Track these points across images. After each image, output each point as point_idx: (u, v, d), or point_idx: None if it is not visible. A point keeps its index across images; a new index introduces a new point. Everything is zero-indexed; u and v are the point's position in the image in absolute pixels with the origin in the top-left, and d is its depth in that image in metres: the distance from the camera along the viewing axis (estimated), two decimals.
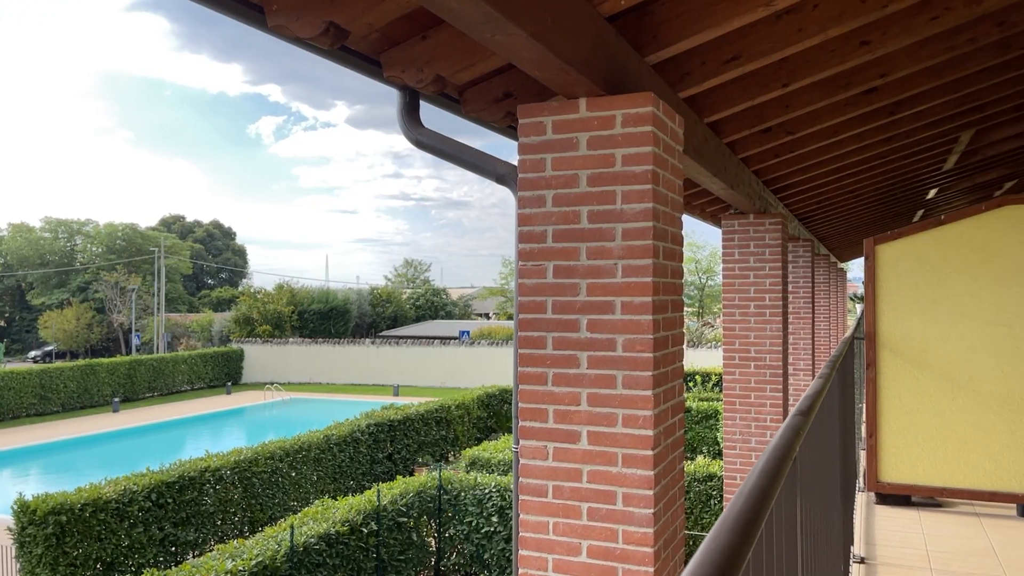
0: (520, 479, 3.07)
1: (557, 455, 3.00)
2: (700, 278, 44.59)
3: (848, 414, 4.42)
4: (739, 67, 3.83)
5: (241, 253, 71.80)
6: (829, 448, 2.39)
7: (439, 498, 10.20)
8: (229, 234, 71.73)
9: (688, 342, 28.77)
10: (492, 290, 57.70)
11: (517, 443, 3.09)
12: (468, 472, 11.30)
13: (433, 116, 3.65)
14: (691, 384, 22.17)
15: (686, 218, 9.32)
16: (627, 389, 2.91)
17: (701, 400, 17.55)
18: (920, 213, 15.31)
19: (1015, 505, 4.70)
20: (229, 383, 33.06)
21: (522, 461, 3.06)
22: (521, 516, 3.05)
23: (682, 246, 3.37)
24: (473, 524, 9.97)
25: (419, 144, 3.31)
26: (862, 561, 3.87)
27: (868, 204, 11.38)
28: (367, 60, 3.07)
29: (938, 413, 4.78)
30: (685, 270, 44.31)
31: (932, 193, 12.31)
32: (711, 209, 7.65)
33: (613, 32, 3.02)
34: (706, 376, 22.47)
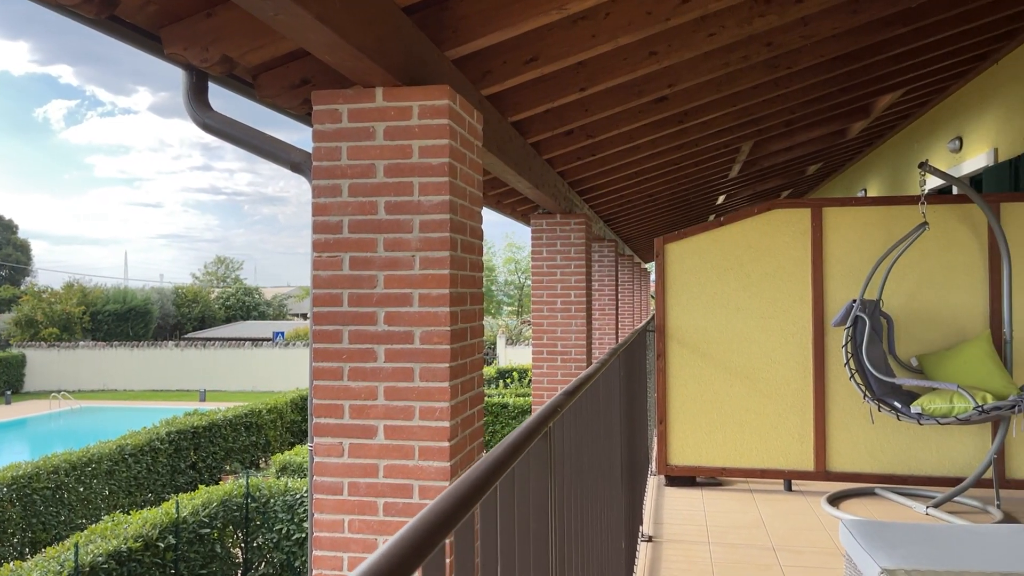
0: (315, 478, 2.98)
1: (353, 451, 2.95)
2: (520, 278, 45.76)
3: (639, 402, 4.70)
4: (538, 68, 3.95)
5: (24, 248, 64.54)
6: (609, 431, 2.52)
7: (246, 506, 9.72)
8: (9, 227, 64.27)
9: (508, 340, 29.44)
10: (309, 290, 55.93)
11: (312, 441, 3.00)
12: (279, 478, 10.87)
13: (254, 105, 3.47)
14: (509, 381, 22.72)
15: (508, 220, 9.50)
16: (424, 381, 2.91)
17: (518, 396, 18.00)
18: (712, 218, 16.66)
19: (782, 480, 5.22)
20: (8, 392, 29.62)
21: (317, 459, 2.98)
22: (316, 516, 2.96)
23: (482, 240, 3.42)
24: (283, 531, 9.59)
25: (207, 128, 3.12)
26: (650, 540, 4.13)
27: (666, 208, 12.20)
28: (146, 35, 2.85)
29: (719, 399, 5.21)
30: (506, 270, 45.38)
31: (721, 199, 13.43)
32: (521, 208, 7.86)
33: (411, 24, 3.01)
34: (523, 372, 23.12)
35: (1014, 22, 6.16)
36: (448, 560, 2.38)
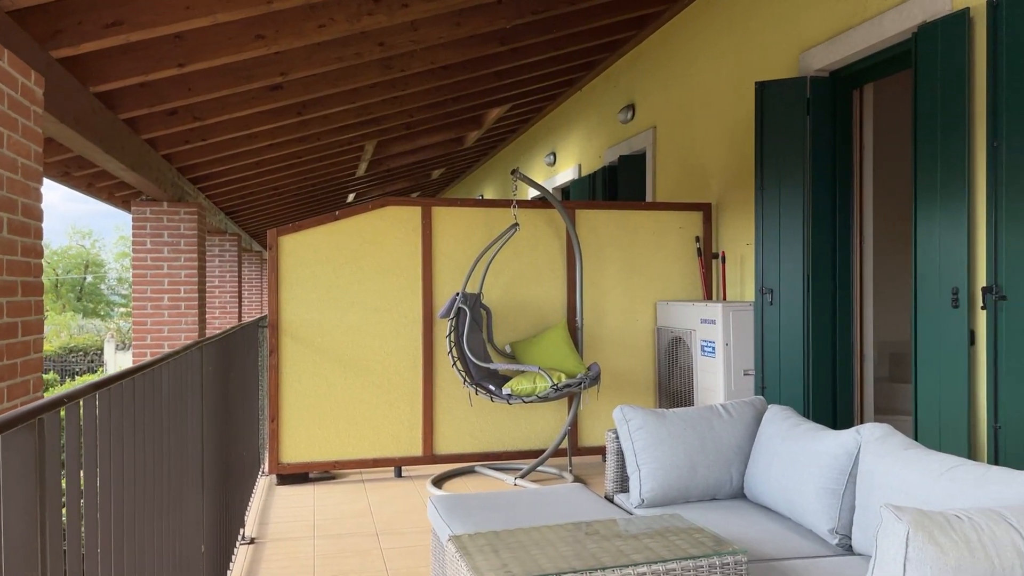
0: None
1: None
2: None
3: (247, 400, 4.50)
4: (124, 35, 3.56)
5: None
6: (181, 431, 2.33)
7: None
8: None
9: (118, 345, 26.46)
10: None
11: None
12: None
13: None
14: None
15: (122, 211, 8.47)
16: None
17: None
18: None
19: (392, 468, 5.40)
20: None
21: None
22: None
23: (41, 220, 2.96)
24: None
25: None
26: (252, 542, 3.96)
27: (293, 203, 11.95)
28: None
29: (333, 393, 5.21)
30: (119, 266, 40.62)
31: (351, 197, 13.57)
32: (120, 194, 7.07)
33: None
34: None
35: (593, 54, 7.18)
36: None
